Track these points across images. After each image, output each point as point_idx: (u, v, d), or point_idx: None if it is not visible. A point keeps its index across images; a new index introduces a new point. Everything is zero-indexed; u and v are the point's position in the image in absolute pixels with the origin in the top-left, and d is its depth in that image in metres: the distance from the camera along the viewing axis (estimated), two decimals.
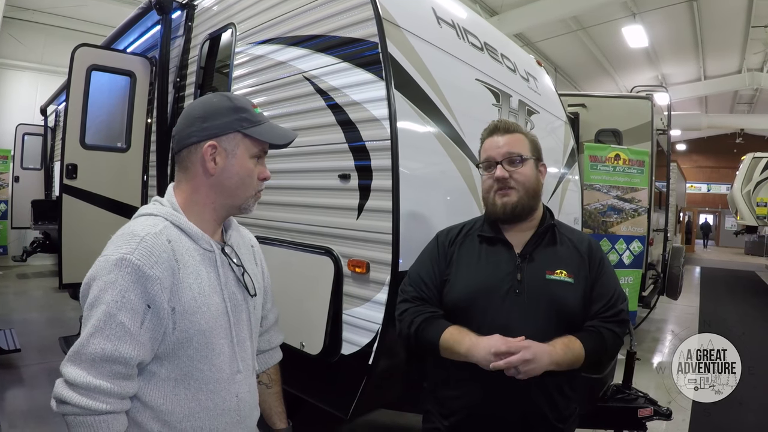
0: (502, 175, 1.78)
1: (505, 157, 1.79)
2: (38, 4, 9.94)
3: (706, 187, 30.82)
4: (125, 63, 4.48)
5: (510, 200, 1.78)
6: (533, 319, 1.66)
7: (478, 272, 1.79)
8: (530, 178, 1.80)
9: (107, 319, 1.17)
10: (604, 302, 1.73)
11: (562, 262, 1.76)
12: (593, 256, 1.80)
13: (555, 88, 4.81)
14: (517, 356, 1.51)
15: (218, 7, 3.72)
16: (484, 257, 1.82)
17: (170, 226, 1.31)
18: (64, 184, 4.12)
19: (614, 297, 1.75)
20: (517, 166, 1.79)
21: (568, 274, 1.73)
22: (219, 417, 1.34)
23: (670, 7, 11.93)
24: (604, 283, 1.77)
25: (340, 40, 2.57)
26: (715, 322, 8.05)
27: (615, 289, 1.78)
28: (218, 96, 1.41)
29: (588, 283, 1.75)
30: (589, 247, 1.83)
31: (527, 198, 1.79)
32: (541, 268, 1.75)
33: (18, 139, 9.59)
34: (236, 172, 1.38)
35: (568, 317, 1.70)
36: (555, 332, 1.65)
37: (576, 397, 1.80)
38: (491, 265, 1.78)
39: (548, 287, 1.71)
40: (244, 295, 1.44)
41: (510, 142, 1.81)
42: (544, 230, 1.83)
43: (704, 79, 18.35)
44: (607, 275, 1.79)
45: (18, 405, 3.85)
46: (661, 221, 7.81)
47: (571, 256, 1.79)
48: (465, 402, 1.72)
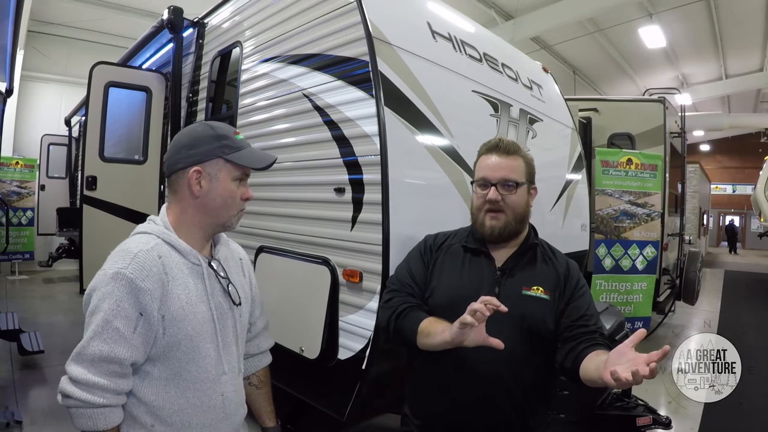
0: (494, 197, 1.82)
1: (500, 180, 1.83)
2: (61, 18, 10.19)
3: (731, 188, 30.27)
4: (141, 79, 4.67)
5: (498, 224, 1.83)
6: (505, 331, 1.68)
7: (460, 281, 1.86)
8: (520, 203, 1.85)
9: (105, 325, 1.33)
10: (578, 316, 1.76)
11: (539, 279, 1.82)
12: (571, 277, 1.85)
13: (572, 93, 4.85)
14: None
15: (226, 25, 3.88)
16: (466, 267, 1.89)
17: (161, 243, 1.47)
18: (85, 195, 4.30)
19: (589, 313, 1.78)
20: (510, 191, 1.83)
21: (545, 291, 1.79)
22: (205, 413, 1.49)
23: (687, 6, 11.77)
24: (582, 302, 1.81)
25: (335, 59, 2.70)
26: (735, 328, 7.94)
27: (590, 307, 1.81)
28: (202, 125, 1.57)
29: (563, 302, 1.80)
30: (568, 268, 1.88)
31: (515, 222, 1.84)
32: (518, 284, 1.80)
33: (43, 149, 9.85)
34: (219, 194, 1.52)
35: (538, 332, 1.74)
36: (524, 345, 1.72)
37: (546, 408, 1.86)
38: (472, 275, 1.86)
39: (523, 302, 1.76)
40: (229, 305, 1.58)
41: (508, 166, 1.84)
42: (525, 248, 1.89)
43: (725, 78, 17.99)
44: (584, 297, 1.83)
45: (39, 403, 4.03)
46: (677, 225, 7.74)
47: (550, 274, 1.84)
48: (432, 408, 1.83)
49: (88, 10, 9.90)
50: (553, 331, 1.76)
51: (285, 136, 3.04)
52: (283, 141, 3.04)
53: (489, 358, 1.64)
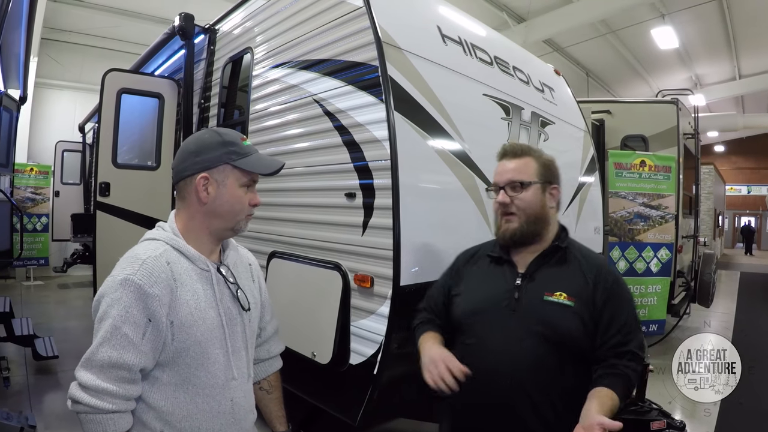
0: (502, 200, 1.83)
1: (507, 182, 1.83)
2: (74, 25, 10.31)
3: (746, 189, 29.92)
4: (153, 85, 4.71)
5: (511, 226, 1.82)
6: (525, 339, 1.68)
7: (481, 291, 1.86)
8: (532, 203, 1.81)
9: (113, 331, 1.34)
10: (615, 331, 1.67)
11: (564, 284, 1.75)
12: (601, 281, 1.74)
13: (585, 95, 4.82)
14: None
15: (237, 31, 3.90)
16: (489, 276, 1.89)
17: (170, 249, 1.47)
18: (98, 201, 4.34)
19: (626, 326, 1.69)
20: (518, 192, 1.81)
21: (569, 297, 1.71)
22: (215, 418, 1.49)
23: (700, 6, 11.68)
24: (614, 309, 1.70)
25: (345, 64, 2.70)
26: (751, 331, 7.84)
27: (627, 317, 1.71)
28: (209, 132, 1.57)
29: (593, 308, 1.70)
30: (599, 271, 1.77)
31: (527, 224, 1.81)
32: (540, 289, 1.75)
33: (58, 156, 9.96)
34: (227, 200, 1.52)
35: (563, 341, 1.67)
36: (549, 354, 1.67)
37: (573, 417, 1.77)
38: (493, 283, 1.85)
39: (544, 308, 1.71)
40: (238, 310, 1.58)
41: (515, 167, 1.84)
42: (548, 251, 1.83)
43: (739, 78, 17.78)
44: (619, 300, 1.73)
45: (54, 408, 4.06)
46: (692, 227, 7.66)
47: (575, 279, 1.76)
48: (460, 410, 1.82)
49: (101, 17, 10.02)
50: (580, 339, 1.68)
51: (296, 142, 3.05)
52: (294, 146, 3.05)
53: (510, 366, 1.64)
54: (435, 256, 2.54)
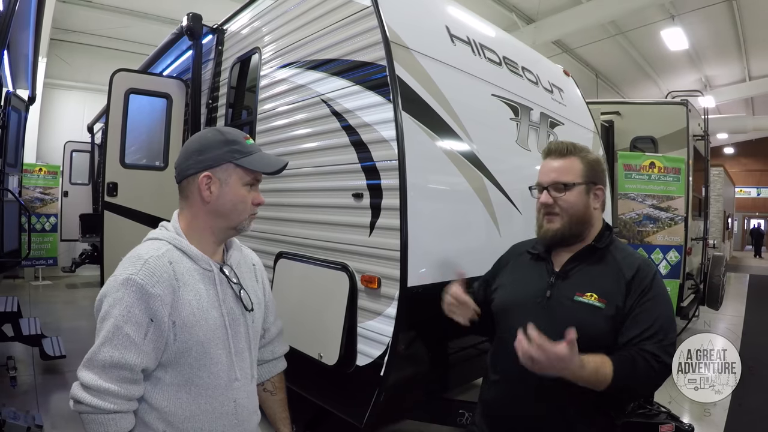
0: (545, 201, 1.82)
1: (551, 183, 1.82)
2: (83, 26, 10.36)
3: (756, 191, 29.68)
4: (161, 86, 4.71)
5: (552, 226, 1.81)
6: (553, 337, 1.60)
7: (516, 285, 1.90)
8: (575, 204, 1.79)
9: (115, 331, 1.33)
10: (640, 331, 1.63)
11: (596, 285, 1.72)
12: (637, 283, 1.70)
13: (594, 96, 4.79)
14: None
15: (245, 31, 3.90)
16: (527, 272, 1.91)
17: (172, 249, 1.46)
18: (106, 202, 4.35)
19: (654, 326, 1.63)
20: (561, 193, 1.80)
21: (600, 299, 1.69)
22: (218, 420, 1.48)
23: (710, 7, 11.61)
24: (646, 311, 1.66)
25: (353, 64, 2.69)
26: (760, 333, 7.77)
27: (658, 318, 1.65)
28: (212, 131, 1.56)
29: (625, 310, 1.67)
30: (636, 273, 1.72)
31: (570, 225, 1.79)
32: (572, 289, 1.74)
33: (66, 156, 10.03)
34: (230, 199, 1.51)
35: (594, 344, 1.60)
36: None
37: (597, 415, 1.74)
38: (530, 280, 1.86)
39: (573, 309, 1.70)
40: (241, 310, 1.57)
41: (559, 167, 1.82)
42: (584, 251, 1.82)
43: (749, 79, 17.66)
44: (654, 303, 1.67)
45: (61, 408, 4.05)
46: (701, 229, 7.60)
47: (609, 280, 1.73)
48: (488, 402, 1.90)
49: (110, 17, 10.06)
50: (608, 341, 1.65)
51: (303, 142, 3.04)
52: (302, 146, 3.04)
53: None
54: (442, 257, 2.53)
